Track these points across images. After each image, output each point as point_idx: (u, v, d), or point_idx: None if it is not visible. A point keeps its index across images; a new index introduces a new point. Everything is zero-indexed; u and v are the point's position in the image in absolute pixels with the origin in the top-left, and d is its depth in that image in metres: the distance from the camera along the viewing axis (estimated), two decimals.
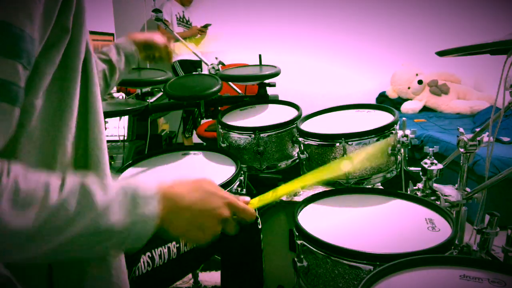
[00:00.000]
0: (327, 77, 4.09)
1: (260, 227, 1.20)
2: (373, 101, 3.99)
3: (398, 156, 1.19)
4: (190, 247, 0.99)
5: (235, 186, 1.19)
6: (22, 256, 0.47)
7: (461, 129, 1.18)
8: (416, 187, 1.24)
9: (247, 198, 0.70)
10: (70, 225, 0.48)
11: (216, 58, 1.79)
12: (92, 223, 0.49)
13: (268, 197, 0.74)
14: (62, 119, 0.57)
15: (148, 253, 0.89)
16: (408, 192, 1.23)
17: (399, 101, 3.79)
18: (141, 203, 0.54)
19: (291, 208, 1.14)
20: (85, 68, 0.61)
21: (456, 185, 1.21)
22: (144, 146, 2.39)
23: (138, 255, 0.87)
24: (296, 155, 1.42)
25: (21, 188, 0.45)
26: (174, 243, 0.94)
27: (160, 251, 0.91)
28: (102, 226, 0.50)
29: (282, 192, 0.75)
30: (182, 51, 1.46)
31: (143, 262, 0.88)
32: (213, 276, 1.78)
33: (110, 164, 1.57)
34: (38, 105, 0.54)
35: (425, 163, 1.20)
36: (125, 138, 2.36)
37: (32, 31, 0.47)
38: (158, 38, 1.19)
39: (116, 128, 2.35)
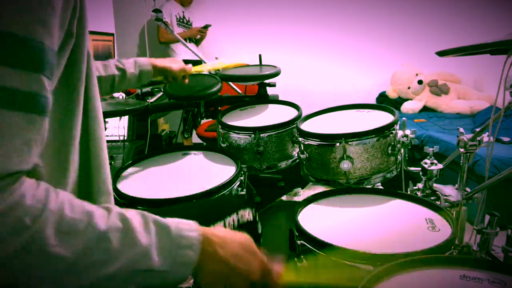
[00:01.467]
0: (327, 77, 4.09)
1: (260, 232, 1.20)
2: (373, 101, 3.98)
3: (398, 156, 1.19)
4: None
5: (235, 186, 1.19)
6: (59, 285, 0.47)
7: (461, 129, 1.18)
8: (416, 187, 1.24)
9: (279, 268, 0.69)
10: (111, 260, 0.49)
11: (216, 58, 1.79)
12: (132, 262, 0.50)
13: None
14: (70, 121, 0.58)
15: None
16: (408, 192, 1.23)
17: (399, 101, 3.78)
18: (184, 246, 0.55)
19: (291, 208, 1.14)
20: (87, 71, 0.61)
21: (456, 185, 1.21)
22: (144, 146, 2.39)
23: None
24: (296, 155, 1.42)
25: (67, 216, 0.46)
26: None
27: None
28: (142, 266, 0.51)
29: None
30: (203, 70, 1.50)
31: None
32: None
33: (110, 164, 1.58)
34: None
35: (425, 163, 1.20)
36: (125, 138, 2.36)
37: (52, 43, 0.48)
38: (175, 65, 1.29)
39: (116, 128, 2.35)
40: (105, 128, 1.60)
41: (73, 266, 0.46)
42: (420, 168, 1.22)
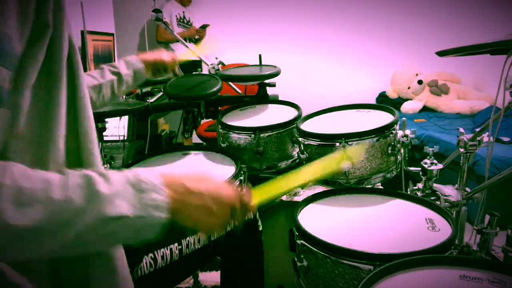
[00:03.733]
0: (327, 77, 4.09)
1: (260, 229, 1.20)
2: (373, 101, 3.98)
3: (398, 156, 1.19)
4: (192, 249, 0.99)
5: (235, 186, 1.19)
6: (31, 255, 0.48)
7: (461, 129, 1.18)
8: (416, 187, 1.24)
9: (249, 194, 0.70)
10: (78, 218, 0.48)
11: (216, 58, 1.79)
12: (100, 214, 0.50)
13: (268, 193, 0.74)
14: (52, 116, 0.57)
15: (151, 254, 0.89)
16: (408, 192, 1.23)
17: (399, 101, 3.78)
18: (148, 189, 0.54)
19: (291, 208, 1.15)
20: (70, 64, 0.60)
21: (456, 185, 1.21)
22: (144, 146, 2.39)
23: (141, 256, 0.88)
24: (296, 155, 1.42)
25: (23, 187, 0.45)
26: (176, 245, 0.95)
27: (163, 252, 0.92)
28: (110, 215, 0.50)
29: (281, 190, 0.76)
30: (188, 56, 1.48)
31: (146, 263, 0.88)
32: (213, 276, 1.78)
33: (110, 164, 1.58)
34: (25, 104, 0.53)
35: (425, 163, 1.20)
36: (125, 138, 2.36)
37: (7, 29, 0.46)
38: (166, 56, 1.26)
39: (116, 128, 2.35)
40: (105, 128, 1.60)
41: (41, 233, 0.46)
42: (420, 168, 1.22)
